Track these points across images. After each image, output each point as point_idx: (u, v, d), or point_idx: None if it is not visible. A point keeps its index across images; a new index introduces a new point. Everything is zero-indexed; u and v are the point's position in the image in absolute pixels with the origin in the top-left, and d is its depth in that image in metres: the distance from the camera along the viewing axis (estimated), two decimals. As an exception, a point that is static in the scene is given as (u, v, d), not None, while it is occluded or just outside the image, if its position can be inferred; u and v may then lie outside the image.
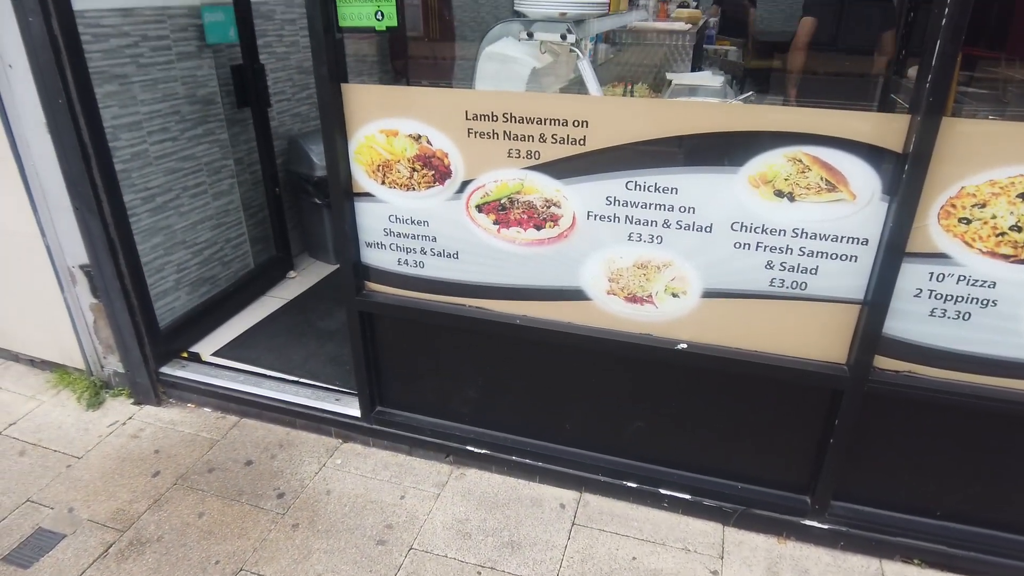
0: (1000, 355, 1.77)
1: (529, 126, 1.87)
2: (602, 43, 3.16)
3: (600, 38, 3.17)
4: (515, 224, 2.01)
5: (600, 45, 3.12)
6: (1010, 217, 1.62)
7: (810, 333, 1.89)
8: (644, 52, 3.36)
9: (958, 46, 1.49)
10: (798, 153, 1.70)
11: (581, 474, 2.31)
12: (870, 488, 2.07)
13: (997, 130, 1.57)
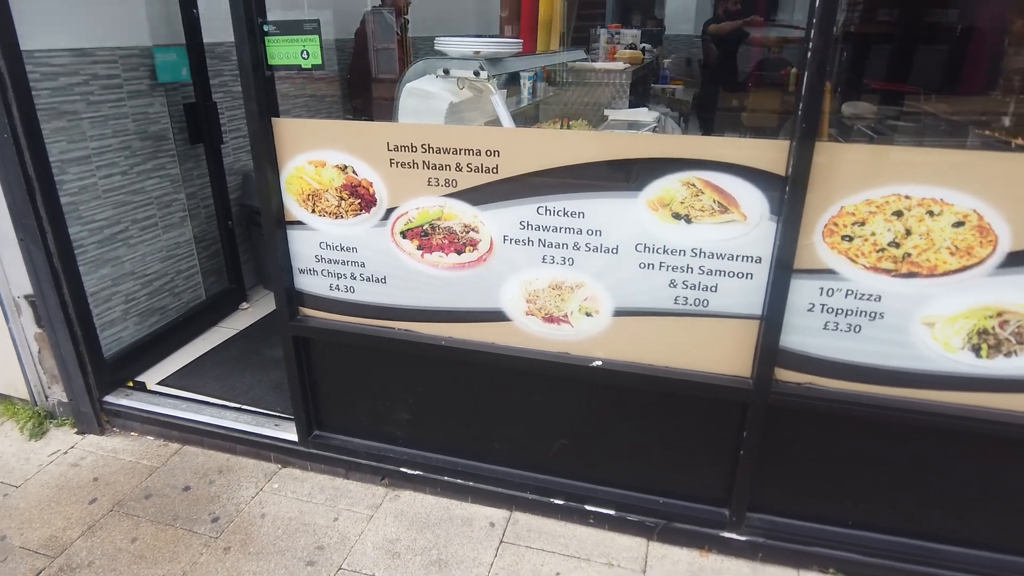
0: (891, 365, 1.87)
1: (446, 156, 1.98)
2: (542, 81, 3.31)
3: (540, 76, 3.32)
4: (437, 249, 2.10)
5: (539, 83, 3.27)
6: (888, 234, 1.74)
7: (715, 348, 1.98)
8: (585, 90, 3.51)
9: (823, 78, 1.62)
10: (691, 178, 1.81)
11: (511, 492, 2.36)
12: (784, 499, 2.14)
13: (867, 153, 1.70)
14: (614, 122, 3.18)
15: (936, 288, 1.76)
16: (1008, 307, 1.74)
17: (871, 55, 4.66)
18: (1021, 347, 1.78)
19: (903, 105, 3.71)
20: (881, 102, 4.09)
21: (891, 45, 4.47)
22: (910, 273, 1.76)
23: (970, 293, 1.75)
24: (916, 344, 1.83)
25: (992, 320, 1.76)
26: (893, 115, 3.79)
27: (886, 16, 4.69)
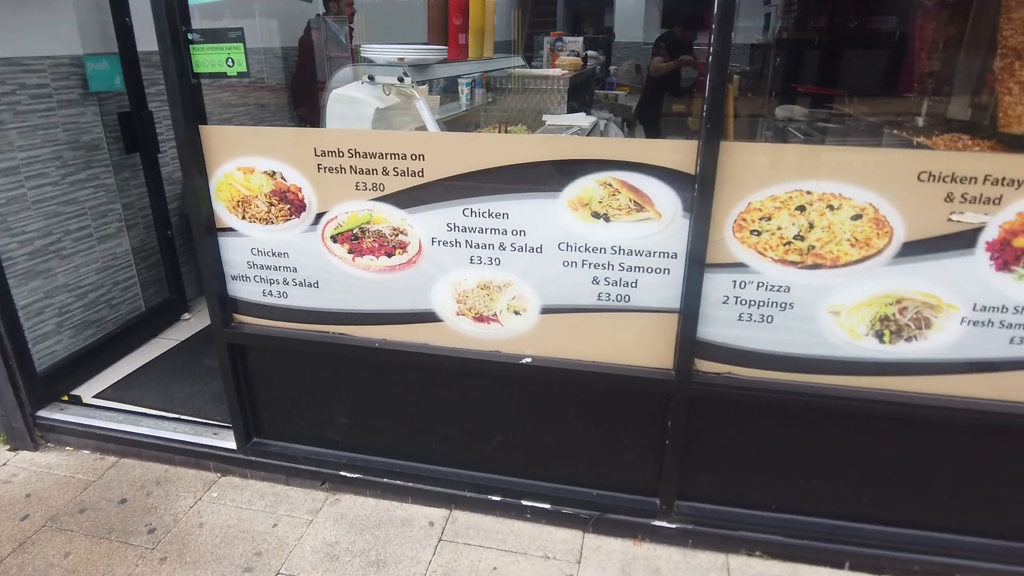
0: (803, 353, 1.97)
1: (373, 160, 2.01)
2: (481, 88, 3.37)
3: (479, 83, 3.38)
4: (368, 252, 2.13)
5: (478, 90, 3.32)
6: (792, 228, 1.83)
7: (638, 342, 2.05)
8: (525, 96, 3.58)
9: (724, 80, 1.71)
10: (608, 178, 1.88)
11: (450, 491, 2.39)
12: (711, 486, 2.22)
13: (768, 152, 1.79)
14: (552, 127, 3.25)
15: (839, 278, 1.86)
16: (906, 294, 1.85)
17: (804, 61, 4.84)
18: (920, 332, 1.89)
19: (832, 108, 3.88)
20: (812, 105, 4.26)
21: (821, 51, 4.65)
22: (815, 264, 1.85)
23: (871, 282, 1.85)
24: (825, 332, 1.93)
25: (892, 307, 1.87)
26: (823, 117, 3.95)
27: (817, 23, 4.87)
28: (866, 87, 3.91)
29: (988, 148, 2.22)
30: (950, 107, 2.95)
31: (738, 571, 2.17)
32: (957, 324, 1.86)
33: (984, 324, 1.84)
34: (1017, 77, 1.96)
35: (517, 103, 3.64)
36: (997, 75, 2.03)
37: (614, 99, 5.04)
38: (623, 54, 9.28)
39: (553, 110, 3.53)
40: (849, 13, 4.64)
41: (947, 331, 1.87)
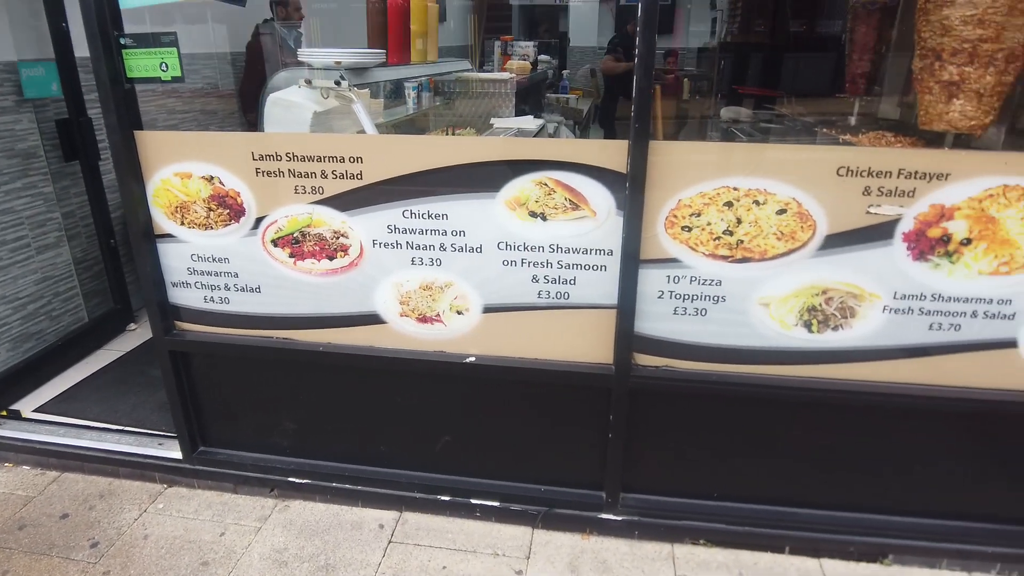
0: (736, 344, 2.03)
1: (311, 164, 2.02)
2: (428, 91, 3.39)
3: (427, 87, 3.40)
4: (309, 256, 2.13)
5: (425, 94, 3.34)
6: (721, 223, 1.90)
7: (579, 338, 2.09)
8: (473, 100, 3.61)
9: (651, 81, 1.76)
10: (543, 178, 1.92)
11: (399, 493, 2.39)
12: (655, 478, 2.27)
13: (696, 150, 1.85)
14: (499, 130, 3.29)
15: (768, 271, 1.93)
16: (831, 285, 1.92)
17: (747, 64, 4.98)
18: (846, 321, 1.96)
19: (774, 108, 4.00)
20: (755, 106, 4.39)
21: (763, 54, 4.79)
22: (744, 258, 1.92)
23: (797, 274, 1.92)
24: (756, 324, 2.00)
25: (819, 298, 1.94)
26: (766, 118, 4.07)
27: (759, 28, 5.02)
28: (804, 88, 4.05)
29: (910, 144, 2.33)
30: (881, 106, 3.07)
31: (683, 560, 2.22)
32: (880, 312, 1.94)
33: (905, 312, 1.93)
34: (937, 77, 2.05)
35: (466, 107, 3.67)
36: (917, 75, 2.12)
37: (565, 102, 5.11)
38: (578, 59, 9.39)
39: (502, 113, 3.56)
40: (788, 17, 4.79)
41: (871, 319, 1.95)
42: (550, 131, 3.84)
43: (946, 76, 1.97)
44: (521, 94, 4.36)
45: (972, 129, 2.01)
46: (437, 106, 3.48)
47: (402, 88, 3.38)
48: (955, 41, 1.91)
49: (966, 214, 1.82)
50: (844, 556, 2.22)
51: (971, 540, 2.17)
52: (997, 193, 1.79)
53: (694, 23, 8.25)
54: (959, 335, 1.95)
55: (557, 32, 9.61)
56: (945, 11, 1.90)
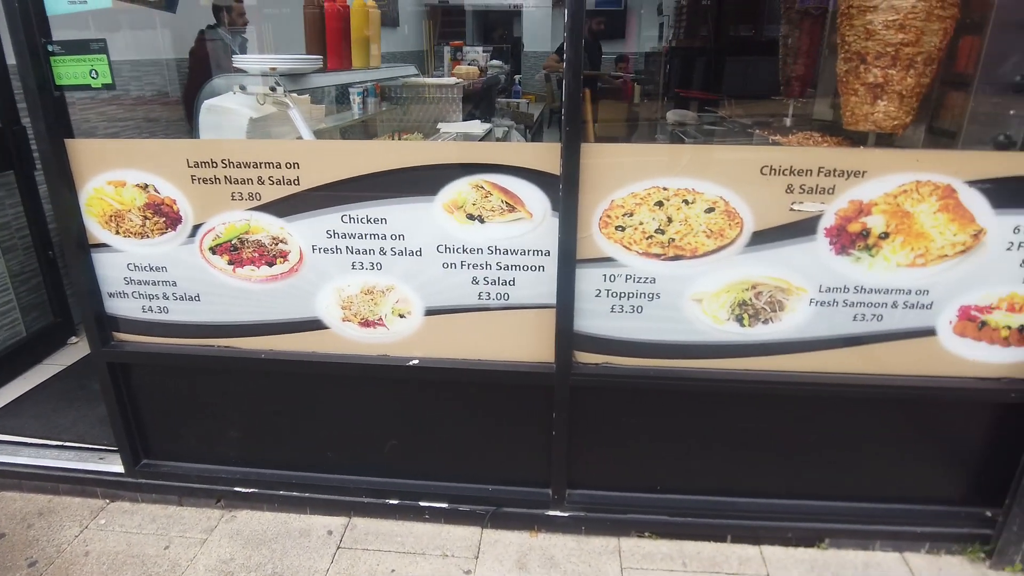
0: (673, 340, 2.09)
1: (247, 170, 2.01)
2: (374, 97, 3.39)
3: (372, 92, 3.40)
4: (248, 263, 2.12)
5: (370, 99, 3.35)
6: (653, 222, 1.95)
7: (520, 338, 2.12)
8: (420, 105, 3.63)
9: (580, 85, 1.81)
10: (480, 181, 1.95)
11: (348, 499, 2.39)
12: (600, 473, 2.31)
13: (625, 151, 1.91)
14: (445, 134, 3.31)
15: (699, 268, 1.99)
16: (759, 279, 2.00)
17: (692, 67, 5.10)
18: (776, 314, 2.04)
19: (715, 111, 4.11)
20: (699, 109, 4.50)
21: (706, 58, 4.92)
22: (676, 256, 1.98)
23: (727, 270, 1.99)
24: (690, 319, 2.06)
25: (749, 292, 2.01)
26: (710, 121, 4.18)
27: (702, 32, 5.15)
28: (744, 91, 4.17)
29: (836, 144, 2.42)
30: (816, 108, 3.18)
31: (629, 553, 2.27)
32: (807, 305, 2.02)
33: (830, 304, 2.01)
34: (862, 79, 2.14)
35: (414, 112, 3.68)
36: (842, 78, 2.21)
37: (516, 107, 5.17)
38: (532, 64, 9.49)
39: (449, 118, 3.59)
40: (730, 22, 4.93)
41: (799, 312, 2.03)
42: (499, 135, 3.88)
43: (871, 78, 2.06)
44: (472, 99, 4.40)
45: (895, 128, 2.11)
46: (384, 111, 3.49)
47: (348, 93, 3.38)
48: (879, 45, 2.00)
49: (883, 209, 1.90)
50: (783, 542, 2.30)
51: (902, 521, 2.27)
52: (911, 189, 1.88)
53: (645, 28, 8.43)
54: (882, 325, 2.04)
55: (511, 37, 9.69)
56: (868, 16, 1.98)
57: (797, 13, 3.13)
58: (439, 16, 8.44)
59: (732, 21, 4.94)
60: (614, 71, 7.66)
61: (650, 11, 7.64)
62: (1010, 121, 2.04)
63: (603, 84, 7.12)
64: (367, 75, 2.79)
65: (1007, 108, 2.05)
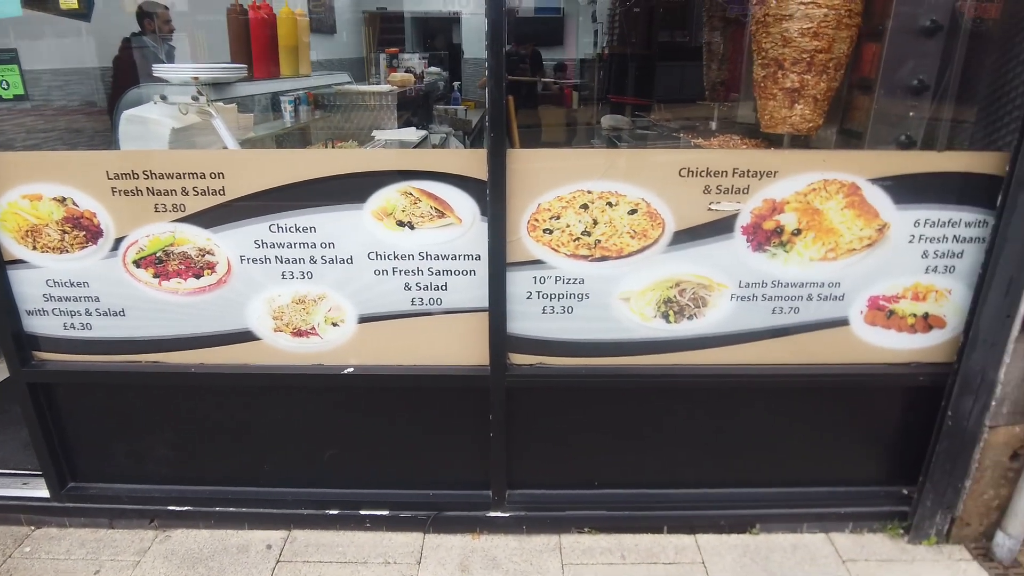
0: (603, 338, 2.15)
1: (171, 181, 1.97)
2: (306, 105, 3.37)
3: (305, 100, 3.38)
4: (175, 275, 2.08)
5: (303, 107, 3.32)
6: (579, 225, 2.00)
7: (455, 341, 2.15)
8: (354, 113, 3.62)
9: (502, 92, 1.85)
10: (408, 187, 1.97)
11: (287, 511, 2.36)
12: (539, 472, 2.35)
13: (550, 156, 1.95)
14: (380, 141, 3.31)
15: (625, 268, 2.05)
16: (682, 277, 2.07)
17: (625, 73, 5.24)
18: (699, 310, 2.12)
19: (646, 116, 4.23)
20: (632, 114, 4.62)
21: (637, 64, 5.05)
22: (603, 257, 2.04)
23: (652, 269, 2.06)
24: (619, 318, 2.12)
25: (673, 290, 2.09)
26: (643, 125, 4.29)
27: (633, 39, 5.28)
28: (673, 96, 4.31)
29: (754, 146, 2.54)
30: (740, 111, 3.30)
31: (570, 549, 2.31)
32: (728, 300, 2.11)
33: (750, 298, 2.11)
34: (780, 84, 2.24)
35: (348, 119, 3.67)
36: (760, 83, 2.31)
37: (454, 114, 5.19)
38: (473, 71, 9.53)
39: (385, 125, 3.59)
40: (659, 30, 5.08)
41: (721, 307, 2.12)
42: (436, 142, 3.90)
43: (788, 83, 2.16)
44: (409, 106, 4.41)
45: (810, 131, 2.22)
46: (318, 119, 3.46)
47: (279, 102, 3.35)
48: (795, 52, 2.10)
49: (795, 207, 2.01)
50: (716, 530, 2.38)
51: (827, 503, 2.38)
52: (819, 187, 1.99)
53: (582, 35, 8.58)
54: (799, 317, 2.14)
55: (451, 44, 9.72)
56: (785, 24, 2.08)
57: (721, 20, 3.25)
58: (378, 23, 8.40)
59: (664, 28, 5.10)
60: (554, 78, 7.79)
61: (587, 18, 7.79)
62: (910, 122, 2.18)
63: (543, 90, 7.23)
64: (298, 83, 2.78)
65: (907, 110, 2.19)
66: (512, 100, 2.08)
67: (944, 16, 2.05)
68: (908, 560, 2.27)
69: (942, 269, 2.09)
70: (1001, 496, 2.25)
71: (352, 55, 7.36)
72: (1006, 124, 1.97)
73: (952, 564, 2.25)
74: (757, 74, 2.27)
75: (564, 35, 9.27)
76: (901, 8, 2.10)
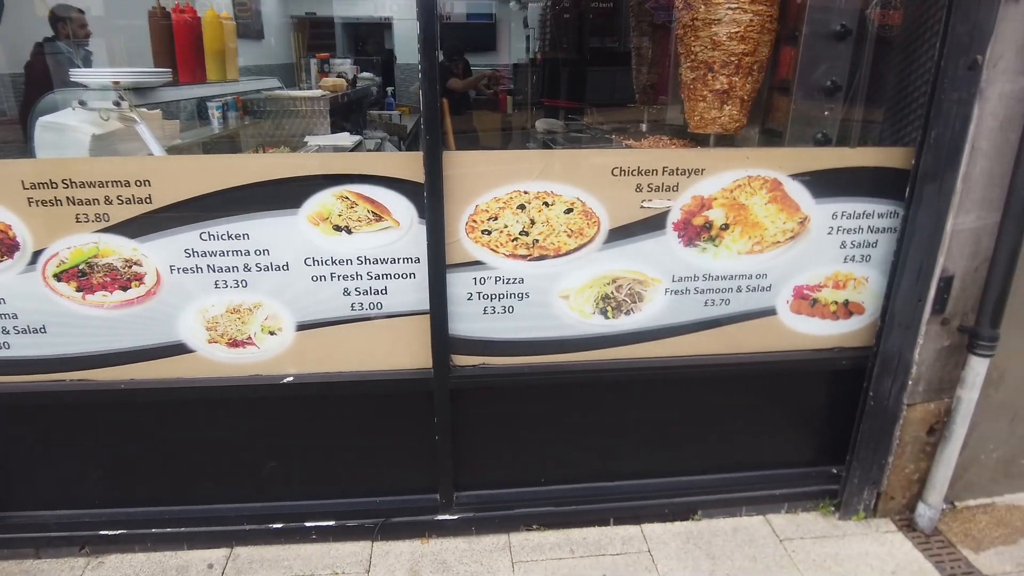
0: (544, 336, 2.18)
1: (93, 190, 1.89)
2: (235, 111, 3.28)
3: (233, 106, 3.29)
4: (100, 288, 2.00)
5: (231, 113, 3.24)
6: (517, 225, 2.03)
7: (397, 346, 2.14)
8: (285, 118, 3.55)
9: (436, 96, 1.86)
10: (344, 191, 1.95)
11: (228, 528, 2.29)
12: (485, 472, 2.36)
13: (487, 157, 1.98)
14: (313, 147, 3.26)
15: (563, 266, 2.09)
16: (618, 273, 2.13)
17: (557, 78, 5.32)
18: (636, 305, 2.18)
19: (579, 119, 4.31)
20: (565, 117, 4.70)
21: (569, 69, 5.15)
22: (541, 256, 2.07)
23: (589, 266, 2.10)
24: (559, 315, 2.16)
25: (610, 286, 2.14)
26: (576, 128, 4.37)
27: (564, 44, 5.38)
28: (605, 99, 4.41)
29: (683, 146, 2.62)
30: (669, 113, 3.41)
31: (519, 547, 2.33)
32: (663, 295, 2.18)
33: (683, 292, 2.18)
34: (710, 86, 2.31)
35: (279, 125, 3.60)
36: (690, 85, 2.37)
37: (388, 119, 5.16)
38: (406, 76, 9.48)
39: (317, 131, 3.54)
40: (590, 35, 5.18)
41: (656, 302, 2.18)
42: (371, 147, 3.87)
43: (718, 85, 2.23)
44: (342, 111, 4.35)
45: (737, 130, 2.32)
46: (247, 126, 3.38)
47: (207, 108, 3.26)
48: (724, 55, 2.17)
49: (722, 203, 2.09)
50: (661, 518, 2.45)
51: (763, 486, 2.48)
52: (744, 183, 2.08)
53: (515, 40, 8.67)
54: (730, 308, 2.23)
55: (383, 50, 9.64)
56: (714, 28, 2.15)
57: (649, 25, 3.35)
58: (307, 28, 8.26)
59: (594, 33, 5.20)
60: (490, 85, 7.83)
61: (518, 24, 7.87)
62: (826, 121, 2.31)
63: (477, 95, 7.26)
64: (226, 88, 2.71)
65: (822, 110, 2.32)
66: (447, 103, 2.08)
67: (853, 22, 2.19)
68: (840, 536, 2.39)
69: (859, 258, 2.22)
70: (921, 470, 2.40)
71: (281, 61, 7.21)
72: (911, 122, 2.11)
73: (879, 536, 2.38)
74: (687, 77, 2.34)
75: (496, 41, 9.35)
76: (814, 14, 2.22)
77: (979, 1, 1.85)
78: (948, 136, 1.98)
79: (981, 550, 2.31)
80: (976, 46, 1.89)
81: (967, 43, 1.89)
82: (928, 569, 2.23)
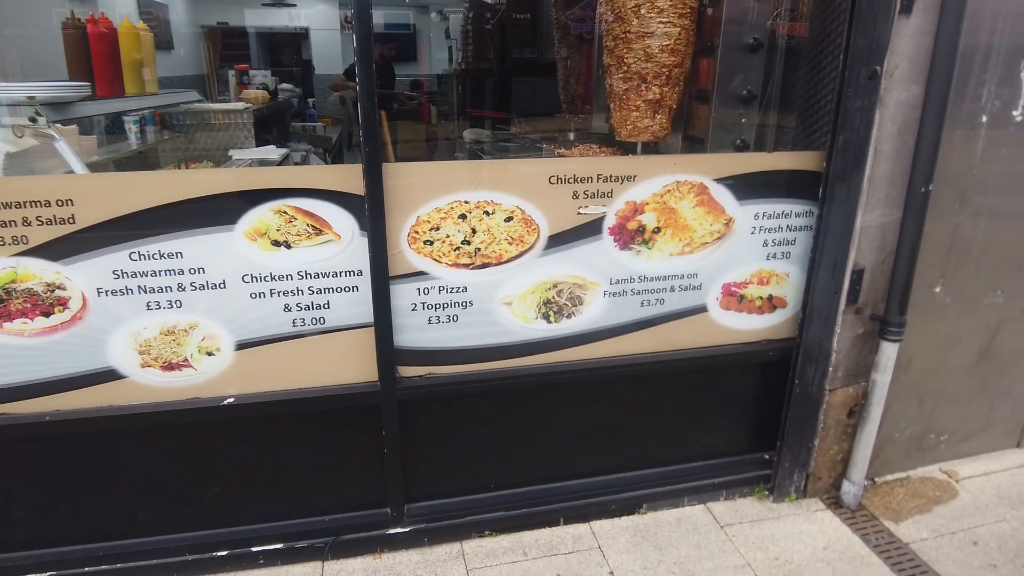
0: (489, 343, 2.21)
1: (9, 211, 1.79)
2: (153, 125, 3.16)
3: (151, 120, 3.17)
4: (19, 315, 1.88)
5: (149, 127, 3.11)
6: (459, 234, 2.06)
7: (342, 360, 2.12)
8: (207, 132, 3.44)
9: (374, 107, 1.86)
10: (282, 206, 1.92)
11: (169, 560, 2.19)
12: (435, 482, 2.36)
13: (426, 169, 2.00)
14: (238, 161, 3.18)
15: (505, 273, 2.13)
16: (559, 278, 2.19)
17: (482, 88, 5.38)
18: (577, 308, 2.24)
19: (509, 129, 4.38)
20: (492, 127, 4.77)
21: (494, 79, 5.22)
22: (483, 264, 2.10)
23: (530, 272, 2.15)
24: (503, 322, 2.19)
25: (551, 291, 2.20)
26: (504, 137, 4.44)
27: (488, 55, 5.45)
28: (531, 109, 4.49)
29: (612, 154, 2.72)
30: (594, 122, 3.51)
31: (472, 554, 2.34)
32: (602, 297, 2.25)
33: (621, 294, 2.26)
34: (644, 96, 2.38)
35: (201, 139, 3.49)
36: (622, 95, 2.43)
37: (312, 130, 5.07)
38: (325, 87, 9.32)
39: (241, 144, 3.45)
40: (513, 46, 5.28)
41: (596, 304, 2.26)
42: (297, 160, 3.80)
43: (651, 95, 2.31)
44: (264, 124, 4.25)
45: (665, 138, 2.42)
46: (166, 140, 3.25)
47: (122, 122, 3.12)
48: (657, 67, 2.25)
49: (653, 207, 2.19)
50: (608, 515, 2.51)
51: (703, 476, 2.60)
52: (673, 188, 2.19)
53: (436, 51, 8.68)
54: (665, 308, 2.33)
55: (301, 60, 9.45)
56: (647, 40, 2.22)
57: (577, 37, 3.45)
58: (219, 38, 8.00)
59: (515, 44, 5.30)
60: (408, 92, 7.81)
61: (439, 35, 7.90)
62: (743, 127, 2.45)
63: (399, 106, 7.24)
64: (143, 102, 2.60)
65: (740, 117, 2.45)
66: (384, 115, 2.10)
67: (763, 34, 2.33)
68: (775, 517, 2.53)
69: (780, 255, 2.37)
70: (844, 450, 2.57)
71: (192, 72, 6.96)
72: (820, 127, 2.28)
73: (810, 515, 2.54)
74: (618, 87, 2.40)
75: (417, 51, 9.34)
76: (728, 27, 2.36)
77: (876, 16, 2.02)
78: (854, 140, 2.15)
79: (900, 520, 2.50)
80: (875, 58, 2.06)
81: (867, 55, 2.07)
82: (856, 542, 2.39)
